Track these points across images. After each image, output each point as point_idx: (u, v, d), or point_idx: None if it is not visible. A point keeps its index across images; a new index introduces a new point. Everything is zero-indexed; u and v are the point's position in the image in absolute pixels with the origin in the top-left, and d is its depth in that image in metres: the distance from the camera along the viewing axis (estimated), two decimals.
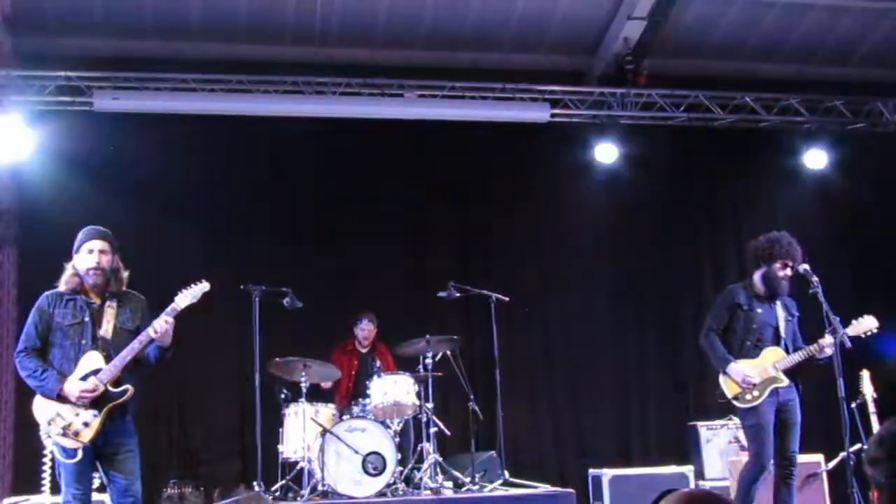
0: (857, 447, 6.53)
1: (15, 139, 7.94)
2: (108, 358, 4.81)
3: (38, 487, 6.95)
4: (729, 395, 5.88)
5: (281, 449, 7.18)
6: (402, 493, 6.89)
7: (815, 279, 5.94)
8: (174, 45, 8.71)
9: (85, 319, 4.86)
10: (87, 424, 4.73)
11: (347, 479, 6.77)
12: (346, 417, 7.20)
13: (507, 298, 8.06)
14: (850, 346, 5.89)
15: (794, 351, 6.00)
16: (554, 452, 9.13)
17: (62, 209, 7.94)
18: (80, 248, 4.93)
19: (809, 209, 9.80)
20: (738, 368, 5.83)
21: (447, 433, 7.71)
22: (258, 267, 8.27)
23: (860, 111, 9.47)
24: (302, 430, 7.03)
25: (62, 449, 4.73)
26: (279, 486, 7.09)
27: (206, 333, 8.02)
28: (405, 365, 7.77)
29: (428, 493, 6.92)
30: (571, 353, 9.37)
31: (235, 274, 7.66)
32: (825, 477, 7.52)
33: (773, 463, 5.91)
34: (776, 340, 6.00)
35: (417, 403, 7.31)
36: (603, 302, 9.53)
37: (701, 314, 6.94)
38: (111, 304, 4.92)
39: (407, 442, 7.66)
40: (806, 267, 6.00)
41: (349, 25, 8.72)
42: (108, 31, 8.50)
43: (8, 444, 7.97)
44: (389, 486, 6.85)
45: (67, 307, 4.87)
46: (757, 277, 6.06)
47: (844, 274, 9.16)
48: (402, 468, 7.10)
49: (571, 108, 9.08)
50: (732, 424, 8.00)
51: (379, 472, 6.80)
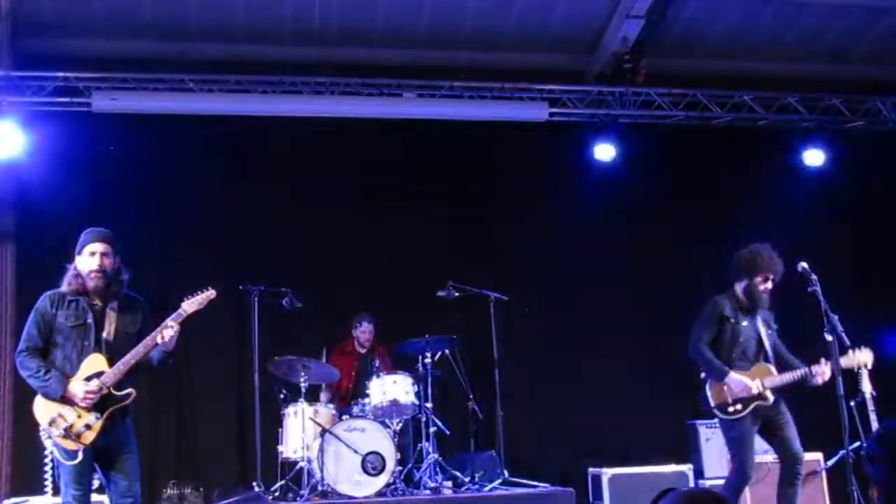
0: (856, 445, 6.55)
1: (13, 140, 7.94)
2: (111, 361, 4.81)
3: (40, 488, 6.96)
4: (712, 402, 5.91)
5: (280, 449, 7.18)
6: (401, 492, 6.89)
7: (813, 277, 5.95)
8: (172, 45, 8.69)
9: (88, 321, 4.85)
10: (88, 426, 4.73)
11: (347, 478, 6.77)
12: (345, 417, 7.20)
13: (505, 298, 8.06)
14: (848, 345, 5.91)
15: (777, 363, 6.04)
16: (553, 451, 9.11)
17: (60, 210, 7.93)
18: (81, 249, 4.92)
19: (808, 207, 9.79)
20: (738, 379, 5.83)
21: (446, 432, 7.72)
22: (257, 267, 8.27)
23: (859, 109, 9.47)
24: (301, 430, 7.03)
25: (63, 450, 4.73)
26: (279, 486, 7.10)
27: (205, 334, 8.01)
28: (404, 364, 7.77)
29: (427, 492, 6.93)
30: (570, 352, 9.36)
31: (234, 274, 7.67)
32: (825, 475, 7.52)
33: (779, 465, 5.97)
34: (760, 353, 6.05)
35: (417, 403, 7.32)
36: (602, 300, 9.51)
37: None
38: (113, 306, 4.93)
39: (406, 441, 7.67)
40: (804, 265, 6.01)
41: (348, 25, 8.71)
42: (106, 31, 8.50)
43: (7, 444, 7.96)
44: (389, 485, 6.86)
45: (70, 308, 4.86)
46: (739, 289, 6.09)
47: (843, 273, 9.14)
48: (401, 468, 7.10)
49: (570, 106, 9.08)
50: None
51: (378, 471, 6.80)
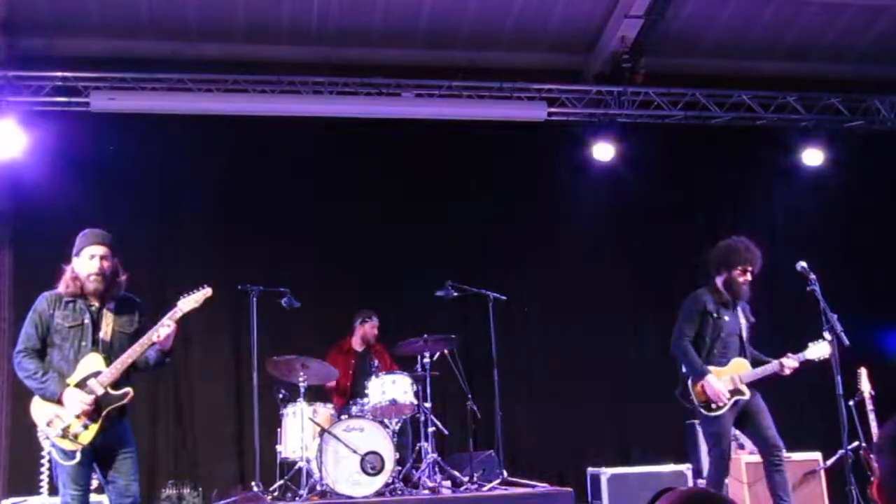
0: (854, 444, 6.55)
1: (11, 140, 7.93)
2: (108, 360, 4.81)
3: (36, 488, 6.95)
4: (696, 401, 5.93)
5: (279, 449, 7.17)
6: (400, 492, 6.87)
7: (812, 276, 5.95)
8: (171, 44, 8.69)
9: (85, 322, 4.85)
10: (86, 427, 4.73)
11: (346, 478, 6.76)
12: (344, 417, 7.19)
13: (504, 297, 8.06)
14: (847, 344, 5.91)
15: (750, 357, 6.07)
16: (552, 451, 9.12)
17: (59, 210, 7.93)
18: (80, 252, 4.91)
19: (806, 207, 9.80)
20: (714, 383, 5.84)
21: (445, 432, 7.71)
22: (256, 267, 8.27)
23: (857, 109, 9.47)
24: (300, 429, 7.02)
25: (61, 451, 4.72)
26: (277, 486, 7.08)
27: (204, 333, 8.02)
28: (403, 364, 7.77)
29: (426, 492, 6.92)
30: (569, 351, 9.36)
31: (233, 274, 7.66)
32: (823, 474, 7.53)
33: (760, 456, 6.04)
34: (740, 348, 6.07)
35: (415, 403, 7.31)
36: (600, 300, 9.52)
37: None
38: (110, 307, 4.92)
39: (405, 441, 7.66)
40: (803, 264, 6.03)
41: (346, 25, 8.71)
42: (104, 31, 8.50)
43: (4, 444, 7.96)
44: (388, 485, 6.85)
45: (67, 309, 4.86)
46: (719, 283, 6.11)
47: (842, 272, 9.14)
48: (400, 468, 7.09)
49: (568, 106, 9.08)
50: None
51: (377, 471, 6.79)
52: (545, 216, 9.52)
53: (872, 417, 6.92)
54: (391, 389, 7.21)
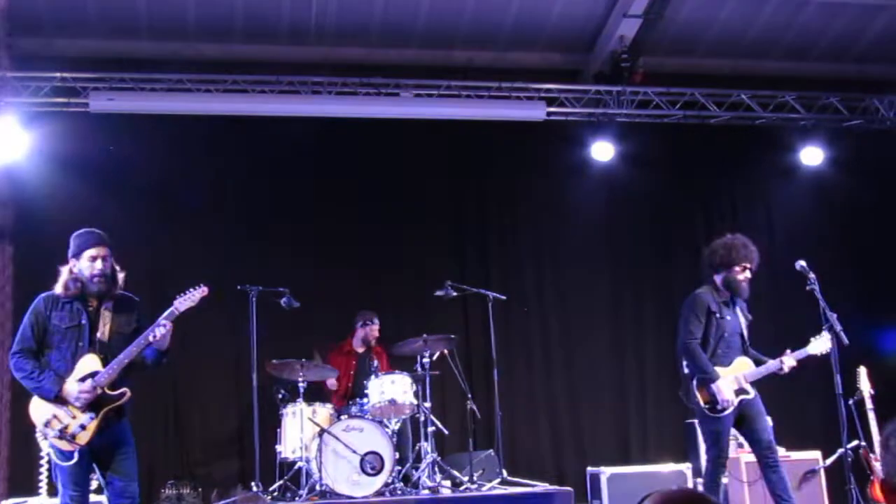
0: (854, 444, 6.54)
1: (10, 140, 7.93)
2: (105, 361, 4.81)
3: (35, 489, 6.95)
4: (701, 402, 5.89)
5: (279, 449, 7.17)
6: (400, 492, 6.87)
7: (811, 276, 5.94)
8: (169, 45, 8.69)
9: (83, 322, 4.85)
10: (83, 427, 4.73)
11: (345, 478, 6.76)
12: (343, 417, 7.19)
13: (504, 297, 8.05)
14: (847, 343, 5.91)
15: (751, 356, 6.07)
16: (552, 451, 9.12)
17: (58, 210, 7.94)
18: (80, 254, 4.90)
19: (806, 206, 9.81)
20: (724, 390, 5.81)
21: (445, 432, 7.72)
22: (255, 267, 8.26)
23: (856, 108, 9.47)
24: (300, 430, 7.02)
25: (59, 451, 4.73)
26: (277, 486, 7.08)
27: (203, 334, 8.01)
28: (402, 364, 7.76)
29: (426, 492, 6.91)
30: (569, 351, 9.36)
31: (232, 274, 7.65)
32: (823, 474, 7.52)
33: (755, 456, 6.03)
34: (742, 347, 6.05)
35: (415, 403, 7.30)
36: (600, 300, 9.52)
37: None
38: (108, 306, 4.92)
39: (405, 441, 7.66)
40: (802, 264, 6.02)
41: (345, 24, 8.71)
42: (103, 31, 8.49)
43: (3, 445, 7.95)
44: (387, 485, 6.85)
45: (64, 310, 4.86)
46: (719, 281, 6.08)
47: (841, 271, 9.14)
48: (400, 467, 7.09)
49: (567, 106, 9.08)
50: None
51: (377, 471, 6.79)
52: (544, 216, 9.51)
53: (872, 417, 6.92)
54: (390, 389, 7.21)
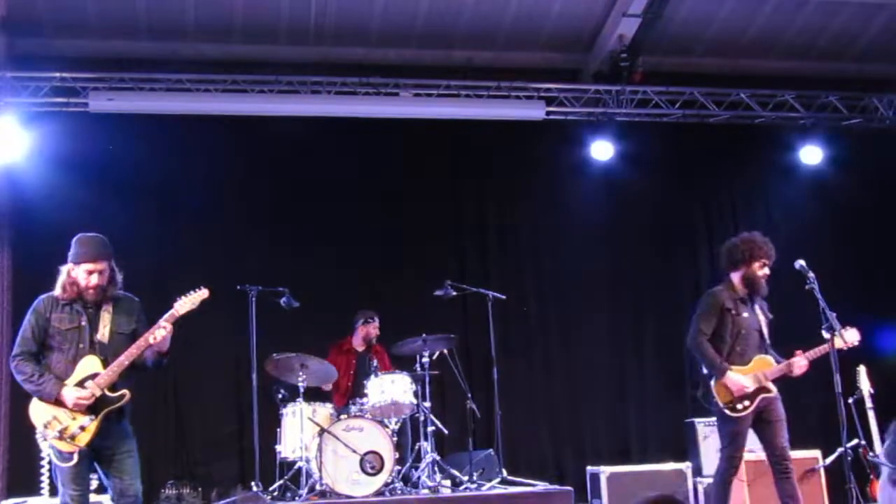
0: (854, 442, 6.55)
1: (10, 140, 7.93)
2: (105, 362, 4.80)
3: (36, 489, 6.96)
4: (721, 402, 5.80)
5: (279, 449, 7.16)
6: (400, 492, 6.87)
7: (811, 275, 5.94)
8: (169, 45, 8.69)
9: (82, 324, 4.85)
10: (83, 428, 4.72)
11: (345, 478, 6.76)
12: (343, 417, 7.19)
13: (503, 297, 8.06)
14: (846, 344, 5.90)
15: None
16: (552, 450, 9.13)
17: (57, 210, 7.93)
18: (78, 264, 4.86)
19: (805, 205, 9.81)
20: (735, 378, 5.76)
21: (445, 432, 7.71)
22: (254, 267, 8.26)
23: (855, 107, 9.49)
24: (300, 429, 7.02)
25: (58, 452, 4.72)
26: (277, 485, 7.08)
27: (202, 334, 8.00)
28: (402, 364, 7.76)
29: (426, 491, 6.91)
30: (569, 350, 9.37)
31: (231, 274, 7.65)
32: (823, 473, 7.53)
33: (768, 461, 5.93)
34: (761, 345, 5.99)
35: (415, 402, 7.30)
36: (600, 299, 9.53)
37: None
38: (107, 308, 4.91)
39: (405, 441, 7.66)
40: (802, 263, 6.00)
41: (344, 24, 8.71)
42: (102, 31, 8.49)
43: (4, 445, 7.95)
44: (387, 485, 6.84)
45: (64, 311, 4.86)
46: (736, 279, 6.02)
47: (841, 270, 9.15)
48: (399, 467, 7.09)
49: (567, 105, 9.09)
50: None
51: (377, 471, 6.79)
52: (544, 215, 9.52)
53: (872, 415, 6.93)
54: (390, 389, 7.21)
